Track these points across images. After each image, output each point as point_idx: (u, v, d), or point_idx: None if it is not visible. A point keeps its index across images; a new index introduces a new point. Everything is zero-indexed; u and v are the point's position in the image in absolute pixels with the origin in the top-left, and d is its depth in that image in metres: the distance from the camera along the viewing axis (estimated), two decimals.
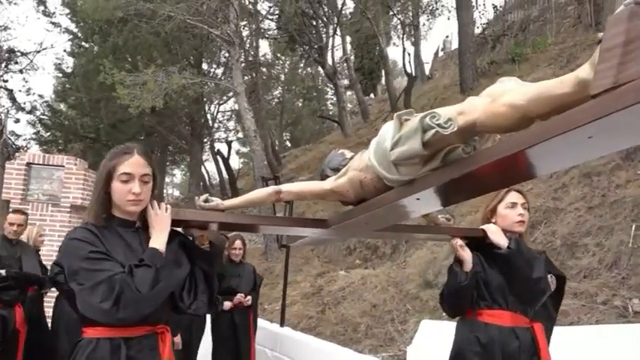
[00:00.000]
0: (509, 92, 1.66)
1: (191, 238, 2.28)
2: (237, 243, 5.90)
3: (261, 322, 6.46)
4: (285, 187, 2.28)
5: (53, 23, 22.17)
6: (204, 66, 21.27)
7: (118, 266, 1.93)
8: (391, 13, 18.87)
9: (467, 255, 2.67)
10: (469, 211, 8.59)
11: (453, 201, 2.02)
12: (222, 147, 25.60)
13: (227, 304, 5.55)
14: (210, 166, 28.67)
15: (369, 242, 11.28)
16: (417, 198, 1.92)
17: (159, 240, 2.03)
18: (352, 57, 23.18)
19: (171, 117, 20.24)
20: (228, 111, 25.32)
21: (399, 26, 20.23)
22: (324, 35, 17.62)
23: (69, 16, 21.80)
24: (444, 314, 3.88)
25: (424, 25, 19.88)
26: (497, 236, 2.66)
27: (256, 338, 5.91)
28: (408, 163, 1.85)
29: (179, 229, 2.26)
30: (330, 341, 6.63)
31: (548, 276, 2.72)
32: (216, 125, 24.91)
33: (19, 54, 19.32)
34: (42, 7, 21.07)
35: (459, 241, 2.67)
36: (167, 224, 2.08)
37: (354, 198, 2.19)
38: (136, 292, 1.87)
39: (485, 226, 2.72)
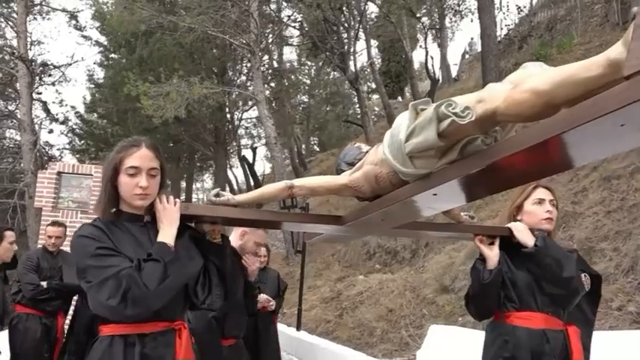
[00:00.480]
0: (532, 77, 1.53)
1: (202, 233, 2.20)
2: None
3: (278, 326, 6.36)
4: (298, 182, 2.18)
5: (84, 36, 22.66)
6: (229, 74, 21.40)
7: (126, 261, 1.86)
8: (416, 16, 18.67)
9: (490, 252, 2.52)
10: (488, 215, 8.41)
11: (474, 197, 1.88)
12: (248, 153, 25.75)
13: None
14: (238, 172, 28.88)
15: (389, 246, 11.20)
16: (434, 193, 1.80)
17: (167, 234, 1.95)
18: (379, 60, 23.07)
19: (196, 125, 20.49)
20: (253, 118, 25.44)
21: (425, 29, 20.03)
22: (345, 41, 17.52)
23: (98, 29, 22.18)
24: (460, 318, 3.75)
25: (450, 26, 19.53)
26: (523, 234, 2.50)
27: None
28: (423, 155, 1.73)
29: (190, 224, 2.19)
30: (346, 345, 6.61)
31: (582, 275, 2.54)
32: (241, 132, 25.03)
33: (51, 67, 19.66)
34: (73, 21, 21.43)
35: (481, 237, 2.53)
36: (176, 218, 2.00)
37: (369, 193, 2.08)
38: (144, 287, 1.79)
39: (511, 224, 2.57)
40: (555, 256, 2.44)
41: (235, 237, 3.31)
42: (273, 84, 22.66)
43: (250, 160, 24.20)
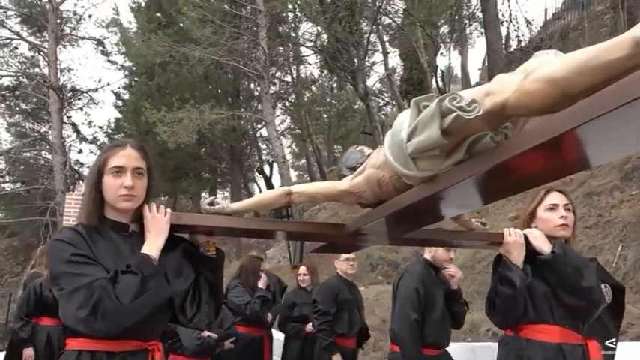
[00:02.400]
0: (545, 65, 1.30)
1: (196, 245, 1.96)
2: (302, 268, 5.35)
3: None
4: (297, 189, 1.96)
5: (110, 61, 22.82)
6: (241, 97, 21.66)
7: (102, 271, 1.64)
8: (435, 25, 18.47)
9: (517, 247, 2.22)
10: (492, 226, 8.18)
11: (485, 201, 1.64)
12: (266, 167, 25.63)
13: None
14: (262, 184, 28.81)
15: (390, 259, 11.15)
16: (440, 198, 1.58)
17: (152, 245, 1.73)
18: (402, 67, 22.86)
19: (213, 144, 20.67)
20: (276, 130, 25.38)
21: (446, 36, 19.77)
22: (355, 59, 17.47)
23: (123, 55, 22.43)
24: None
25: (470, 33, 19.18)
26: (539, 241, 2.23)
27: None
28: (427, 156, 1.50)
29: (185, 236, 1.98)
30: None
31: (602, 285, 2.27)
32: (263, 146, 24.96)
33: (80, 92, 19.93)
34: (100, 48, 21.66)
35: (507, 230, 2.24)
36: (164, 229, 1.78)
37: (372, 199, 1.85)
38: (116, 301, 1.57)
39: (526, 231, 2.28)
40: (574, 264, 2.16)
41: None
42: (291, 98, 22.64)
43: (268, 174, 24.08)
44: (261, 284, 4.77)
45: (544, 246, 2.22)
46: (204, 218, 1.90)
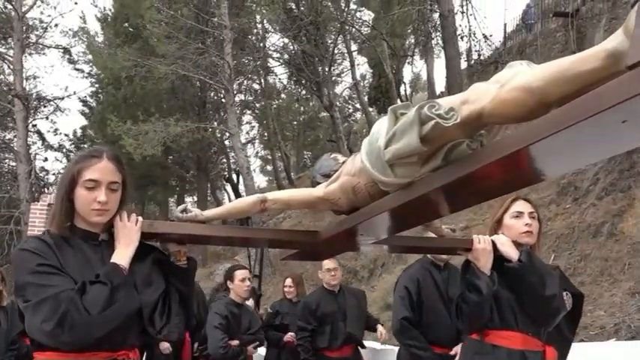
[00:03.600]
0: (520, 74, 1.29)
1: (167, 254, 1.86)
2: (288, 281, 5.23)
3: None
4: (272, 195, 1.88)
5: (77, 69, 22.22)
6: (207, 108, 21.49)
7: (69, 282, 1.53)
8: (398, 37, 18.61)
9: (485, 255, 2.17)
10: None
11: (460, 206, 1.63)
12: (234, 175, 25.33)
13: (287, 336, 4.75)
14: (228, 193, 28.48)
15: (350, 266, 11.24)
16: (417, 204, 1.54)
17: (122, 255, 1.63)
18: (370, 75, 22.95)
19: (179, 153, 20.47)
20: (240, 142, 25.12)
21: (411, 48, 19.93)
22: (320, 70, 17.56)
23: (90, 64, 21.94)
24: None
25: (436, 45, 19.40)
26: (507, 247, 2.20)
27: None
28: (404, 162, 1.47)
29: (156, 245, 1.88)
30: None
31: (564, 293, 2.26)
32: (231, 154, 24.79)
33: (46, 101, 19.39)
34: (67, 56, 21.10)
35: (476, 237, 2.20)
36: (134, 238, 1.68)
37: (346, 206, 1.80)
38: (85, 312, 1.47)
39: (494, 237, 2.25)
40: (538, 273, 2.16)
41: None
42: (259, 106, 22.58)
43: (235, 182, 23.83)
44: None
45: (511, 252, 2.19)
46: (177, 226, 1.82)
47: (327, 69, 17.62)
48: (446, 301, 3.30)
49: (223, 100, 17.14)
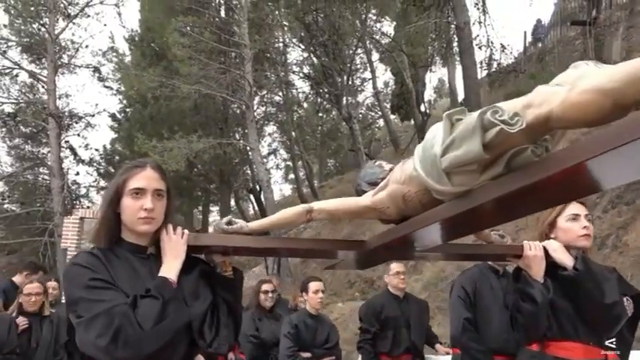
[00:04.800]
0: (591, 76, 1.17)
1: (212, 265, 1.79)
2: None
3: None
4: (318, 205, 1.79)
5: (106, 87, 22.42)
6: (229, 124, 21.61)
7: (121, 296, 1.47)
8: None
9: (537, 261, 2.03)
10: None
11: (518, 215, 1.51)
12: (258, 186, 25.33)
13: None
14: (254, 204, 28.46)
15: (367, 276, 11.11)
16: (475, 213, 1.43)
17: (170, 268, 1.56)
18: (392, 82, 22.83)
19: (203, 167, 20.65)
20: (261, 155, 25.06)
21: (434, 56, 19.77)
22: (339, 83, 17.55)
23: (118, 82, 22.16)
24: None
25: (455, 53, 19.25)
26: (560, 254, 2.06)
27: None
28: (463, 170, 1.37)
29: (201, 257, 1.80)
30: None
31: (624, 299, 2.09)
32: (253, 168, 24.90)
33: (77, 118, 19.65)
34: (97, 74, 21.36)
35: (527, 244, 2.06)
36: (181, 250, 1.61)
37: (395, 215, 1.70)
38: (138, 327, 1.40)
39: (545, 243, 2.10)
40: (597, 281, 2.01)
41: None
42: (281, 116, 22.65)
43: (258, 194, 23.83)
44: None
45: (565, 259, 2.05)
46: (223, 238, 1.73)
47: (345, 81, 17.57)
48: (502, 308, 3.12)
49: (244, 115, 17.28)
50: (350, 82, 18.71)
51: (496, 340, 3.04)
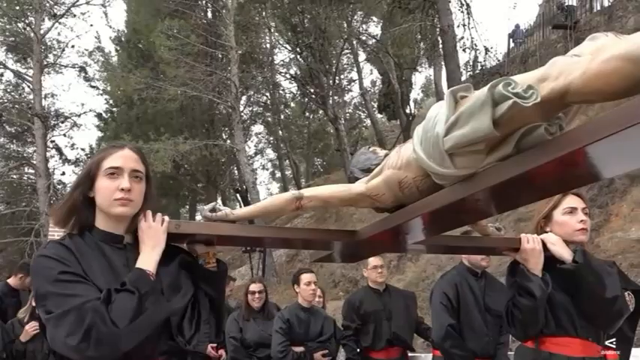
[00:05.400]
0: (615, 44, 1.04)
1: (195, 256, 1.62)
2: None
3: None
4: (308, 192, 1.63)
5: (92, 87, 21.97)
6: (214, 126, 21.46)
7: (94, 291, 1.30)
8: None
9: (535, 255, 1.88)
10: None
11: (527, 201, 1.38)
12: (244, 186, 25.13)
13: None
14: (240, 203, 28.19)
15: (351, 276, 10.99)
16: (478, 198, 1.30)
17: (148, 259, 1.39)
18: (379, 82, 22.75)
19: (190, 167, 20.31)
20: (247, 156, 24.85)
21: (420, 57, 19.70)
22: (325, 85, 17.46)
23: (105, 82, 21.80)
24: None
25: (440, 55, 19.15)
26: (559, 247, 1.90)
27: None
28: (468, 151, 1.23)
29: (182, 246, 1.64)
30: None
31: (625, 293, 1.96)
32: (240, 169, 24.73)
33: (63, 118, 19.28)
34: (83, 74, 20.94)
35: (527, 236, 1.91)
36: (161, 239, 1.45)
37: (391, 203, 1.56)
38: (112, 325, 1.24)
39: (543, 236, 1.94)
40: (597, 274, 1.87)
41: None
42: (267, 115, 22.50)
43: (245, 192, 23.66)
44: None
45: (564, 253, 1.91)
46: (206, 226, 1.58)
47: (331, 83, 17.47)
48: (482, 310, 3.04)
49: (231, 117, 17.20)
50: (336, 83, 18.64)
51: (478, 342, 3.02)
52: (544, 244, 1.92)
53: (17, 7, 16.72)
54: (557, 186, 1.25)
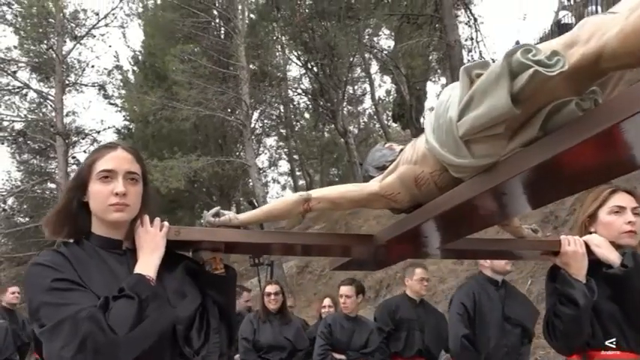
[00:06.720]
0: None
1: (201, 264, 1.47)
2: (326, 300, 4.60)
3: None
4: (317, 194, 1.48)
5: (111, 104, 22.17)
6: (227, 143, 21.56)
7: (90, 298, 1.17)
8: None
9: (577, 258, 1.66)
10: None
11: (557, 195, 1.19)
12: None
13: None
14: None
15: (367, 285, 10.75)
16: (504, 193, 1.11)
17: (147, 264, 1.26)
18: (394, 91, 22.62)
19: (203, 182, 20.47)
20: (260, 168, 24.87)
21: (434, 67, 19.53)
22: (335, 99, 17.44)
23: (123, 100, 21.98)
24: None
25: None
26: (604, 250, 1.68)
27: None
28: (486, 136, 1.05)
29: (187, 254, 1.49)
30: None
31: None
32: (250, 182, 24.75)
33: (83, 135, 19.47)
34: (102, 91, 21.13)
35: (567, 239, 1.68)
36: (160, 244, 1.31)
37: (407, 202, 1.40)
38: (110, 333, 1.11)
39: (586, 238, 1.72)
40: None
41: None
42: (281, 127, 22.57)
43: (256, 204, 23.64)
44: None
45: (611, 256, 1.67)
46: (209, 232, 1.44)
47: (341, 97, 17.41)
48: (501, 320, 2.86)
49: (242, 134, 17.27)
50: (345, 97, 18.65)
51: (496, 352, 2.87)
52: (587, 247, 1.69)
53: (40, 30, 17.04)
54: (594, 176, 1.06)
